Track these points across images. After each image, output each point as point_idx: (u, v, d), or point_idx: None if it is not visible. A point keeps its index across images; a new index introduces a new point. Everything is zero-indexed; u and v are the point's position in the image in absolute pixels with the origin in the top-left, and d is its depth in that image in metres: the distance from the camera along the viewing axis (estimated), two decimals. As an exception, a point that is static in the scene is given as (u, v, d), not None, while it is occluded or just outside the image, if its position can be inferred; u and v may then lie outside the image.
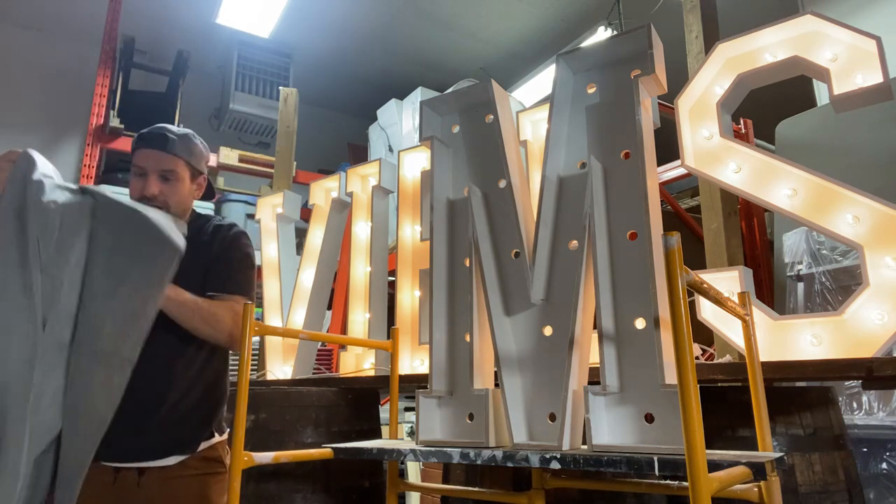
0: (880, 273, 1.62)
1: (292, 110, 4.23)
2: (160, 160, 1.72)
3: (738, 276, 1.80)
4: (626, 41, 1.68)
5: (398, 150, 3.00)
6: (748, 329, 1.44)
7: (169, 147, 1.73)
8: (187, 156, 1.77)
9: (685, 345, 0.98)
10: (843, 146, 3.08)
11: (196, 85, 5.55)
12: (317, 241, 3.11)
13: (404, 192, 2.80)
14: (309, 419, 2.18)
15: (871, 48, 1.77)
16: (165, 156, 1.72)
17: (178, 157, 1.75)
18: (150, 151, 1.72)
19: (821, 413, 1.62)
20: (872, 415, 2.53)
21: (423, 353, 2.47)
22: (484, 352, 1.74)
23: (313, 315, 3.01)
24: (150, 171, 1.71)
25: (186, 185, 1.78)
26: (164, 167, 1.72)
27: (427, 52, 5.94)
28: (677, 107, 2.07)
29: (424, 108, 1.98)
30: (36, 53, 5.41)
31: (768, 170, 1.86)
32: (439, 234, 1.89)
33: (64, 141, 5.38)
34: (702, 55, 2.39)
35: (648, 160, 1.58)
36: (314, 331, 2.98)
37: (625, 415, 1.46)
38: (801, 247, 2.85)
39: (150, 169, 1.71)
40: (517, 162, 1.86)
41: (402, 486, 1.94)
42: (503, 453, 1.46)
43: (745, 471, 1.13)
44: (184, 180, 1.77)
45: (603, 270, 1.54)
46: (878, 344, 1.58)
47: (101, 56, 4.47)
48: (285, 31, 5.46)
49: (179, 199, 1.75)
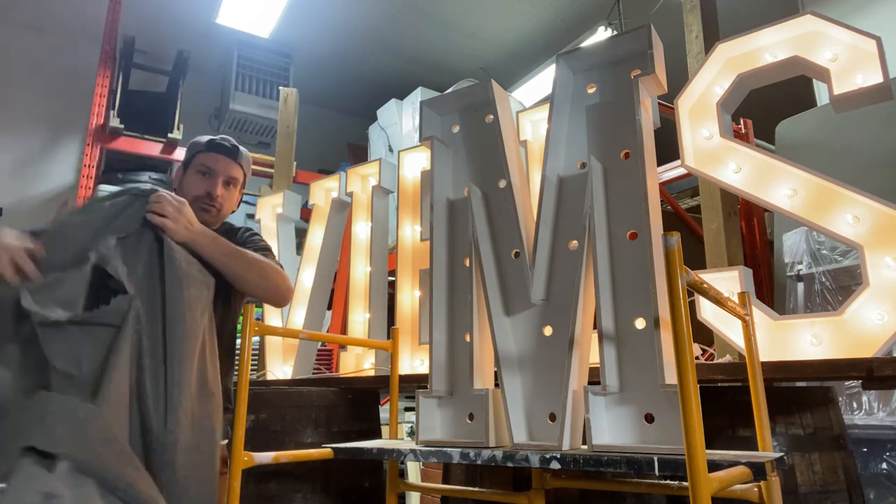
0: (880, 273, 1.62)
1: (292, 110, 4.23)
2: (229, 167, 1.86)
3: (738, 276, 1.80)
4: (626, 41, 1.68)
5: (398, 150, 3.00)
6: (748, 329, 1.44)
7: (238, 157, 1.88)
8: (247, 170, 1.94)
9: (685, 345, 0.98)
10: (843, 146, 3.08)
11: (196, 85, 5.54)
12: (317, 241, 3.11)
13: (404, 192, 2.80)
14: (309, 419, 2.18)
15: (871, 48, 1.77)
16: (234, 164, 1.87)
17: (242, 168, 1.91)
18: (222, 157, 1.85)
19: (821, 413, 1.62)
20: (872, 415, 2.53)
21: (423, 353, 2.47)
22: (484, 352, 1.74)
23: (313, 315, 3.01)
24: (219, 174, 1.84)
25: (237, 196, 1.94)
26: (231, 174, 1.86)
27: (427, 52, 5.94)
28: (677, 107, 2.07)
29: (424, 108, 1.98)
30: (36, 53, 5.41)
31: (768, 170, 1.86)
32: (439, 234, 1.89)
33: (64, 141, 5.37)
34: (702, 55, 2.39)
35: (648, 160, 1.58)
36: (314, 331, 2.98)
37: (625, 415, 1.46)
38: (801, 247, 2.85)
39: (219, 172, 1.84)
40: (517, 162, 1.86)
41: (402, 486, 1.94)
42: (503, 453, 1.46)
43: (745, 471, 1.13)
44: (238, 191, 1.92)
45: (603, 270, 1.54)
46: (878, 344, 1.58)
47: (101, 56, 4.46)
48: (285, 31, 5.46)
49: (230, 206, 1.91)
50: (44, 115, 5.33)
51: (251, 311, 1.61)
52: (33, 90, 5.34)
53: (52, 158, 5.31)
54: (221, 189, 1.84)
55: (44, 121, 5.32)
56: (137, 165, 4.68)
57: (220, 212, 1.85)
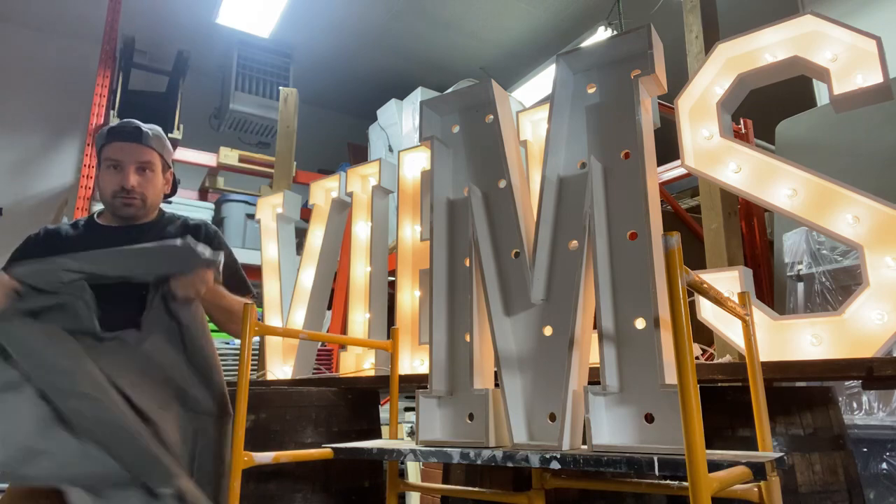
0: (880, 273, 1.62)
1: (292, 110, 4.23)
2: (137, 152, 1.73)
3: (738, 276, 1.80)
4: (626, 41, 1.68)
5: (398, 150, 3.00)
6: (748, 329, 1.44)
7: (144, 139, 1.74)
8: (160, 148, 1.79)
9: (685, 345, 0.98)
10: (843, 146, 3.07)
11: (196, 85, 5.54)
12: (317, 242, 3.11)
13: (404, 192, 2.80)
14: (309, 419, 2.17)
15: (871, 48, 1.77)
16: (142, 148, 1.74)
17: (153, 149, 1.76)
18: (126, 144, 1.73)
19: (821, 413, 1.62)
20: (872, 415, 2.52)
21: (423, 353, 2.47)
22: (484, 352, 1.74)
23: (313, 315, 3.01)
24: (127, 163, 1.72)
25: (160, 179, 1.80)
26: (141, 159, 1.73)
27: (427, 52, 5.94)
28: (677, 107, 2.07)
29: (424, 108, 1.98)
30: (36, 53, 5.41)
31: (768, 170, 1.86)
32: (439, 234, 1.89)
33: (64, 141, 5.38)
34: (702, 55, 2.39)
35: (648, 160, 1.58)
36: (314, 331, 2.98)
37: (625, 415, 1.46)
38: (801, 247, 2.85)
39: (126, 161, 1.72)
40: (517, 162, 1.86)
41: (402, 486, 1.94)
42: (503, 453, 1.46)
43: (745, 471, 1.13)
44: (158, 174, 1.79)
45: (603, 270, 1.54)
46: (878, 344, 1.57)
47: (101, 56, 4.46)
48: (285, 31, 5.46)
49: (155, 192, 1.78)
50: (44, 115, 5.33)
51: (252, 312, 1.61)
52: (33, 90, 5.34)
53: (52, 158, 5.31)
54: (135, 178, 1.72)
55: (44, 121, 5.33)
56: (137, 165, 4.68)
57: (145, 202, 1.74)
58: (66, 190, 5.16)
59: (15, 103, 5.22)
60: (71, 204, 4.52)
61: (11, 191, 5.04)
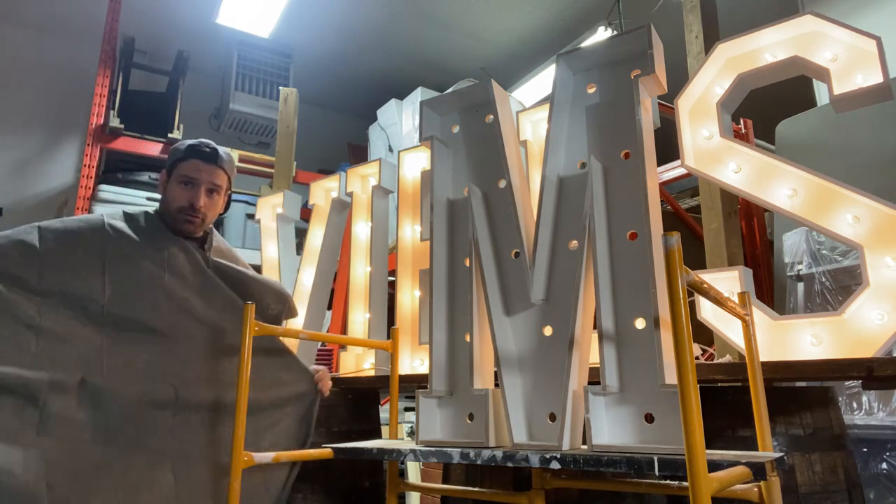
0: (880, 273, 1.62)
1: (292, 110, 4.23)
2: (212, 174, 1.80)
3: (738, 276, 1.80)
4: (626, 41, 1.68)
5: (398, 150, 3.00)
6: (748, 329, 1.44)
7: (219, 162, 1.81)
8: (230, 172, 1.87)
9: (685, 345, 0.98)
10: (843, 146, 3.07)
11: (196, 85, 5.54)
12: (317, 241, 3.11)
13: (404, 192, 2.80)
14: (309, 419, 2.17)
15: (871, 48, 1.77)
16: (216, 170, 1.81)
17: (225, 172, 1.84)
18: (203, 164, 1.79)
19: (821, 413, 1.62)
20: (872, 415, 2.52)
21: (423, 353, 2.47)
22: (484, 352, 1.74)
23: (313, 315, 3.00)
24: (202, 183, 1.78)
25: (223, 201, 1.88)
26: (214, 181, 1.80)
27: (427, 52, 5.94)
28: (677, 107, 2.07)
29: (424, 108, 1.98)
30: (36, 53, 5.41)
31: (768, 170, 1.86)
32: (439, 234, 1.89)
33: (64, 141, 5.37)
34: (702, 55, 2.39)
35: (648, 160, 1.58)
36: (314, 331, 2.98)
37: (625, 415, 1.46)
38: (801, 247, 2.85)
39: (201, 181, 1.78)
40: (517, 162, 1.86)
41: (402, 486, 1.94)
42: (503, 453, 1.46)
43: (745, 471, 1.13)
44: (223, 196, 1.87)
45: (603, 270, 1.54)
46: (878, 344, 1.57)
47: (101, 56, 4.46)
48: (285, 31, 5.46)
49: (215, 213, 1.85)
50: (44, 115, 5.32)
51: (252, 312, 1.61)
52: (33, 90, 5.34)
53: (52, 158, 5.31)
54: (205, 199, 1.79)
55: (44, 121, 5.32)
56: (137, 165, 4.69)
57: (203, 221, 1.81)
58: (66, 190, 5.16)
59: (15, 103, 5.22)
60: (71, 204, 4.52)
61: (11, 191, 5.04)
